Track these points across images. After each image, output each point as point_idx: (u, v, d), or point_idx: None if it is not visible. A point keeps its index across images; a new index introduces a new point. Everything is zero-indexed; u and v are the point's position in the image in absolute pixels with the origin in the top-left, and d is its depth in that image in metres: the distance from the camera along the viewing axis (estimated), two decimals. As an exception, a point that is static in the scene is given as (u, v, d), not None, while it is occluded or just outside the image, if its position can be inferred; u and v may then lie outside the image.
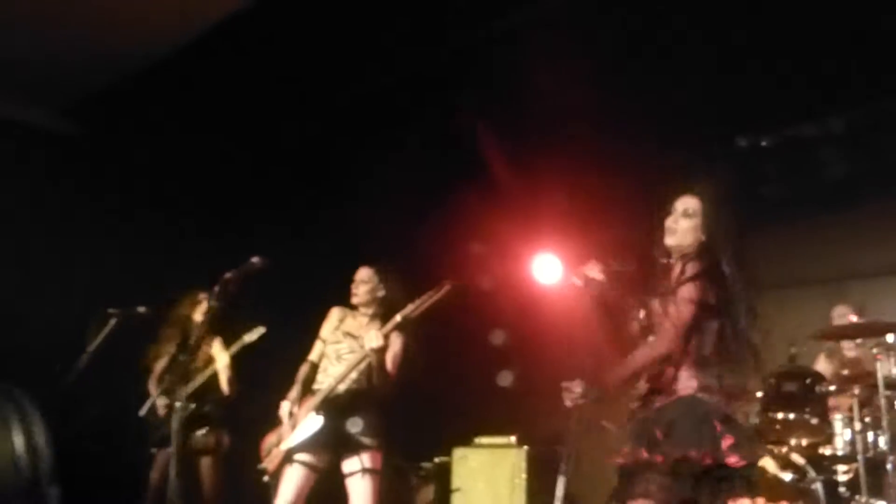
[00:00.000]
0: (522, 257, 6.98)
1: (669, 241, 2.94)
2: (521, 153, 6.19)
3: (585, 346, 2.85)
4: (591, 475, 5.69)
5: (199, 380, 4.79)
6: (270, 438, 4.02)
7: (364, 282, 4.11)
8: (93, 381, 4.39)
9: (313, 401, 3.85)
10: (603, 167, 6.14)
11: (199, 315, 4.95)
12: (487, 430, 6.26)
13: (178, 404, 3.73)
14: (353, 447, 3.81)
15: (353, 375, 3.88)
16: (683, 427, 2.61)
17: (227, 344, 4.95)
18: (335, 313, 4.22)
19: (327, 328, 4.19)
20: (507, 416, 6.53)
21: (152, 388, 4.97)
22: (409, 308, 3.70)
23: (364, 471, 3.76)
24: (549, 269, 6.89)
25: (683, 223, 2.93)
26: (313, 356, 4.14)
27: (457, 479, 6.17)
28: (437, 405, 7.06)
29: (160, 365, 5.02)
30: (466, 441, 6.29)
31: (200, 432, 4.92)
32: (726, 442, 2.59)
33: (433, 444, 6.47)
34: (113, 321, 4.58)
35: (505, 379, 7.09)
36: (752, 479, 2.67)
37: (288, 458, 3.81)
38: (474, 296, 7.24)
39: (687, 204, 2.96)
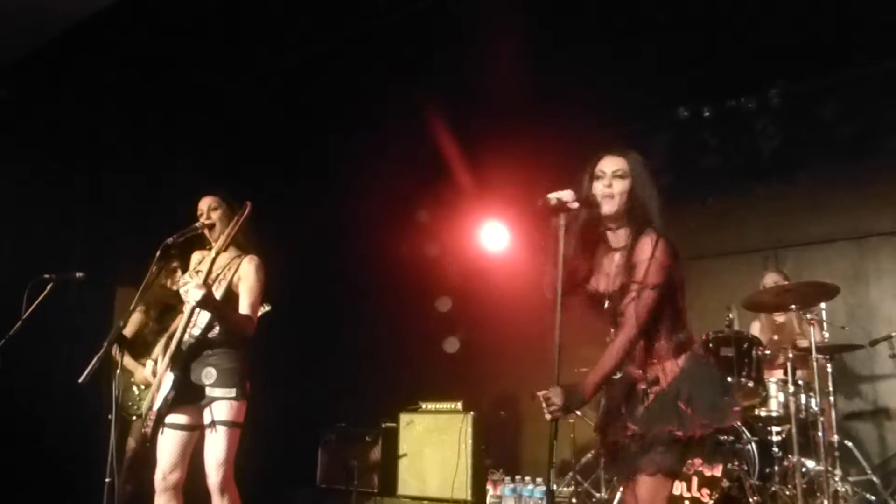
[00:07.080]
0: (468, 224, 7.01)
1: (608, 208, 2.69)
2: (468, 125, 6.19)
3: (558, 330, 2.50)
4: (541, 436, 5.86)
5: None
6: (147, 400, 3.78)
7: (213, 209, 3.73)
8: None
9: (167, 357, 3.60)
10: (547, 137, 6.21)
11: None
12: (434, 396, 6.29)
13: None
14: (208, 400, 3.54)
15: (201, 323, 3.58)
16: (704, 398, 2.55)
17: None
18: (194, 258, 3.86)
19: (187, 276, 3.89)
20: (454, 381, 6.60)
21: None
22: (221, 242, 3.47)
23: (214, 423, 3.50)
24: (496, 237, 6.95)
25: (618, 185, 2.69)
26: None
27: (404, 445, 6.22)
28: (384, 371, 7.10)
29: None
30: (413, 406, 6.33)
31: None
32: (729, 401, 2.61)
33: (380, 410, 6.49)
34: (49, 286, 4.39)
35: (451, 345, 7.16)
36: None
37: (159, 422, 3.57)
38: (423, 262, 7.30)
39: (616, 165, 2.72)
